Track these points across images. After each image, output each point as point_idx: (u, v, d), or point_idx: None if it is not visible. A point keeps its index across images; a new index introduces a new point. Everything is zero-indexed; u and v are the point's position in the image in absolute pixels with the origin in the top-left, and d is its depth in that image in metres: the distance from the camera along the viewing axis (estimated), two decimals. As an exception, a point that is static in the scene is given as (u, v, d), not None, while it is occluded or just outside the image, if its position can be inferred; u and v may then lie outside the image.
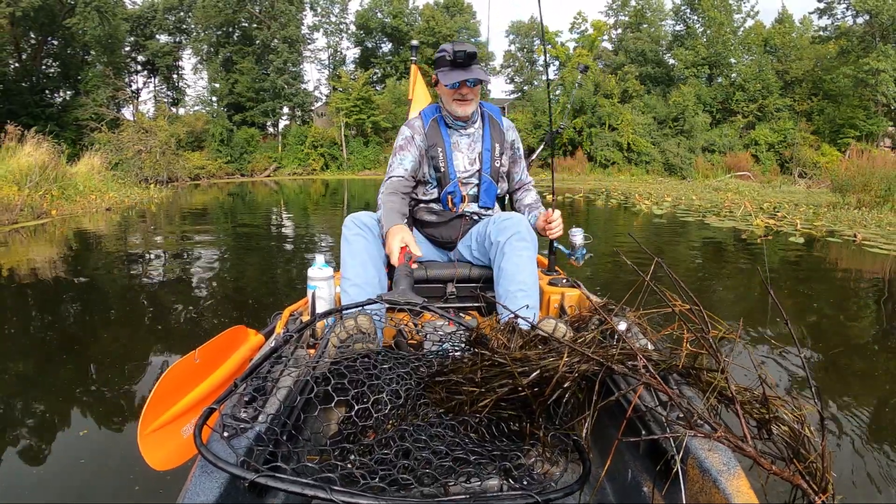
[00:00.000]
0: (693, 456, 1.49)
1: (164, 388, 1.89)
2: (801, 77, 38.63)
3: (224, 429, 1.51)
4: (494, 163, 2.92)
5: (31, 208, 11.75)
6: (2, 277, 6.89)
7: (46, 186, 13.00)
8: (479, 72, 2.75)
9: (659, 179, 32.02)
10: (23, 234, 10.26)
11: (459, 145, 2.92)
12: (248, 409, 1.63)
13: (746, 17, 41.69)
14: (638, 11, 43.55)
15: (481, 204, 2.97)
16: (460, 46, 2.69)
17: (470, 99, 2.80)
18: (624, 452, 1.89)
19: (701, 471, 1.44)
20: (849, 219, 12.93)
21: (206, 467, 1.37)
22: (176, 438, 1.94)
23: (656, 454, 1.65)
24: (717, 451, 1.46)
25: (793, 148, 35.16)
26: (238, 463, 1.39)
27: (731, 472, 1.39)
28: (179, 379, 2.00)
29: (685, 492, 1.46)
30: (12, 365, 4.14)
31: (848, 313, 5.95)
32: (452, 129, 2.93)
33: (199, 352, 2.08)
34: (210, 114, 39.72)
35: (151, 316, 5.47)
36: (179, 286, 6.58)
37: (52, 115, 33.00)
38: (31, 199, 12.04)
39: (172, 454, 1.91)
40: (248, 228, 12.37)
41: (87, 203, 14.01)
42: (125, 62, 41.95)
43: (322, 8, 44.60)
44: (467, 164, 2.92)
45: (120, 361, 4.21)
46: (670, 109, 37.70)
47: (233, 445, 1.46)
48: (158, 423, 1.89)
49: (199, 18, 41.23)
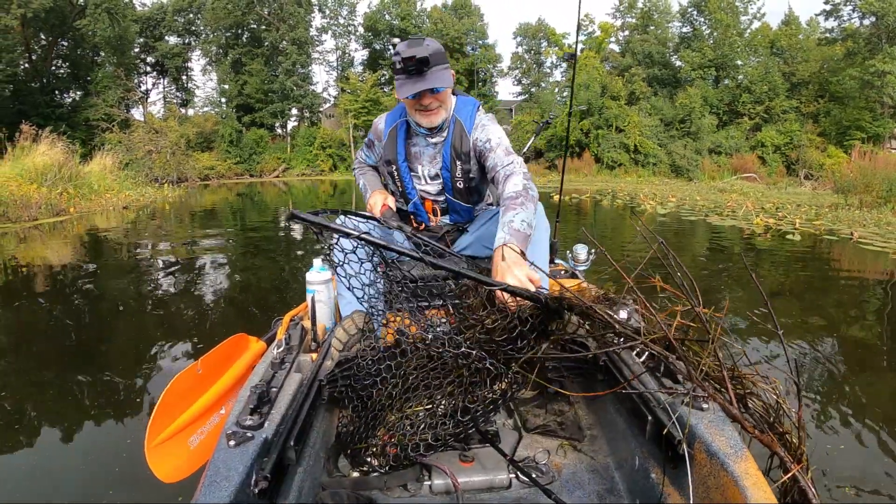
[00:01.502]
0: (700, 440, 1.50)
1: (168, 400, 1.92)
2: (808, 79, 38.49)
3: (231, 437, 1.52)
4: (456, 183, 2.53)
5: (51, 206, 11.99)
6: (22, 273, 7.09)
7: (62, 185, 13.23)
8: (438, 77, 2.30)
9: (665, 181, 31.97)
10: (42, 230, 10.49)
11: (422, 157, 2.59)
12: (255, 417, 1.63)
13: (753, 19, 41.60)
14: (645, 13, 43.47)
15: (452, 219, 2.71)
16: (410, 50, 2.23)
17: (434, 108, 2.40)
18: (630, 440, 1.89)
19: (708, 454, 1.46)
20: (849, 219, 13.05)
21: (214, 476, 1.38)
22: (183, 450, 1.96)
23: (663, 440, 1.64)
24: (724, 434, 1.47)
25: (799, 150, 35.07)
26: (247, 470, 1.42)
27: (739, 455, 1.41)
28: (183, 390, 2.02)
29: (692, 475, 1.48)
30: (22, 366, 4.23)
31: (829, 299, 6.34)
32: (418, 137, 2.58)
33: (201, 362, 2.10)
34: (219, 115, 39.97)
35: (163, 316, 5.55)
36: (194, 285, 6.73)
37: (62, 115, 33.33)
38: (50, 197, 12.28)
39: (181, 466, 1.93)
40: (258, 227, 12.58)
41: (103, 201, 14.27)
42: (134, 63, 42.16)
43: (330, 10, 44.73)
44: (430, 179, 2.62)
45: (130, 363, 4.29)
46: (677, 111, 37.58)
47: (241, 453, 1.47)
48: (165, 435, 1.90)
49: (209, 20, 41.48)
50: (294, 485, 1.70)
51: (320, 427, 2.00)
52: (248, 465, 1.42)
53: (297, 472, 1.73)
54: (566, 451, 2.06)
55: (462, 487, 1.83)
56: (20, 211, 11.15)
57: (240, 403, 1.71)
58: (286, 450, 1.60)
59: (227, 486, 1.34)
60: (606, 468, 1.95)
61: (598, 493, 1.85)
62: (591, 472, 1.95)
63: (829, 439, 3.15)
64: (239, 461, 1.42)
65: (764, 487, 1.30)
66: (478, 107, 2.55)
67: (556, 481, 1.90)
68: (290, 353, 2.11)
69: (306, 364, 2.11)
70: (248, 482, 1.39)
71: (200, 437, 2.03)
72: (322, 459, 1.97)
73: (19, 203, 11.26)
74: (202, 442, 2.03)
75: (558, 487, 1.87)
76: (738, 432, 1.47)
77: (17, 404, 3.62)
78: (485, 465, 1.92)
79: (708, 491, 1.44)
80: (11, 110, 30.33)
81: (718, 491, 1.39)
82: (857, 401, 3.65)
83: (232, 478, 1.36)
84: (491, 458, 1.95)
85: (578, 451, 2.05)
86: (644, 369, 1.85)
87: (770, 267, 7.91)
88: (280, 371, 1.96)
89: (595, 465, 1.98)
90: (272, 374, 1.93)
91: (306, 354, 2.18)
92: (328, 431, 2.10)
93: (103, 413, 3.49)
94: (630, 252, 8.32)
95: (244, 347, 2.45)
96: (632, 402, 1.85)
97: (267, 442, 1.54)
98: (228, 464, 1.41)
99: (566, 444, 2.08)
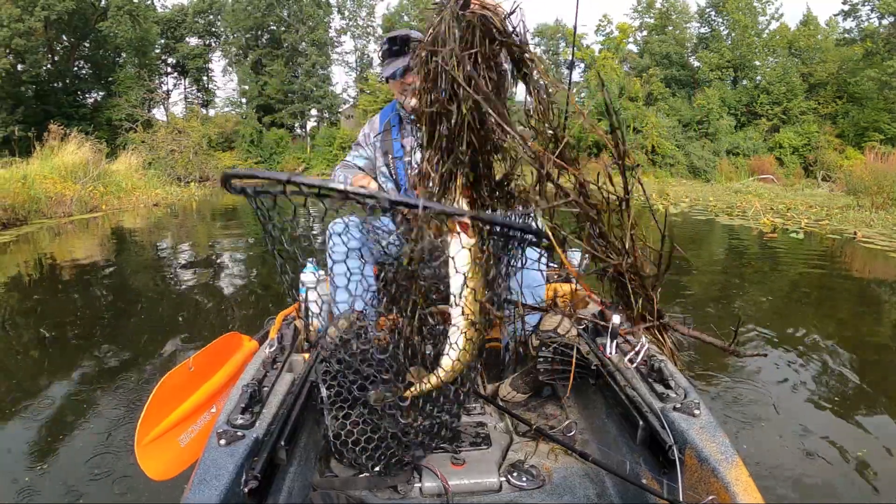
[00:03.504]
0: (691, 446, 1.51)
1: (159, 398, 1.91)
2: (826, 80, 37.98)
3: (222, 436, 1.52)
4: None
5: (84, 203, 12.34)
6: (50, 266, 7.38)
7: (92, 183, 13.57)
8: None
9: (682, 182, 31.90)
10: (76, 225, 10.85)
11: (414, 145, 2.66)
12: (246, 416, 1.63)
13: (771, 20, 41.09)
14: (663, 14, 43.24)
15: None
16: (393, 33, 2.50)
17: None
18: (622, 445, 1.92)
19: (699, 460, 1.47)
20: (857, 219, 13.20)
21: (205, 475, 1.38)
22: (173, 448, 1.95)
23: (654, 445, 1.66)
24: (714, 440, 1.49)
25: (817, 151, 34.72)
26: (237, 469, 1.42)
27: (730, 461, 1.42)
28: (174, 388, 2.01)
29: (682, 480, 1.49)
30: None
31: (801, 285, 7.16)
32: (409, 126, 2.69)
33: (193, 360, 2.10)
34: (240, 115, 40.34)
35: (173, 310, 5.66)
36: (209, 280, 6.94)
37: (84, 115, 33.86)
38: (83, 194, 12.67)
39: (170, 464, 1.93)
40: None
41: (133, 199, 14.63)
42: (155, 64, 42.63)
43: (349, 11, 45.08)
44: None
45: (129, 358, 4.32)
46: (695, 112, 37.25)
47: (232, 452, 1.47)
48: (155, 434, 1.89)
49: (229, 22, 41.97)
50: (284, 485, 1.72)
51: (311, 427, 2.03)
52: (239, 465, 1.43)
53: (287, 472, 1.76)
54: (557, 454, 2.06)
55: (453, 490, 1.85)
56: (55, 207, 11.51)
57: (231, 402, 1.71)
58: (277, 450, 1.61)
59: (217, 485, 1.35)
60: (597, 472, 1.95)
61: (589, 497, 1.87)
62: (581, 476, 1.96)
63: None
64: (229, 460, 1.43)
65: (754, 494, 1.33)
66: None
67: (546, 485, 1.91)
68: (283, 352, 2.12)
69: (298, 364, 2.12)
70: (238, 481, 1.41)
71: (191, 436, 2.04)
72: (313, 459, 1.99)
73: (54, 200, 11.62)
74: (193, 440, 2.03)
75: (549, 491, 1.89)
76: (729, 438, 1.51)
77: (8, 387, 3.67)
78: (476, 468, 1.94)
79: (698, 496, 1.45)
80: (36, 110, 31.02)
81: (709, 496, 1.41)
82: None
83: (222, 477, 1.38)
84: (482, 460, 1.98)
85: (569, 455, 2.03)
86: (636, 375, 1.89)
87: (756, 258, 8.72)
88: (272, 370, 1.97)
89: (586, 469, 1.98)
90: (264, 374, 1.94)
91: (298, 354, 2.18)
92: (319, 432, 2.09)
93: (94, 406, 3.49)
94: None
95: (236, 346, 2.44)
96: (623, 407, 1.87)
97: (258, 441, 1.55)
98: (219, 463, 1.42)
99: (557, 448, 2.07)
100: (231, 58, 44.02)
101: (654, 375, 1.84)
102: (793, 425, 3.29)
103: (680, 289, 6.39)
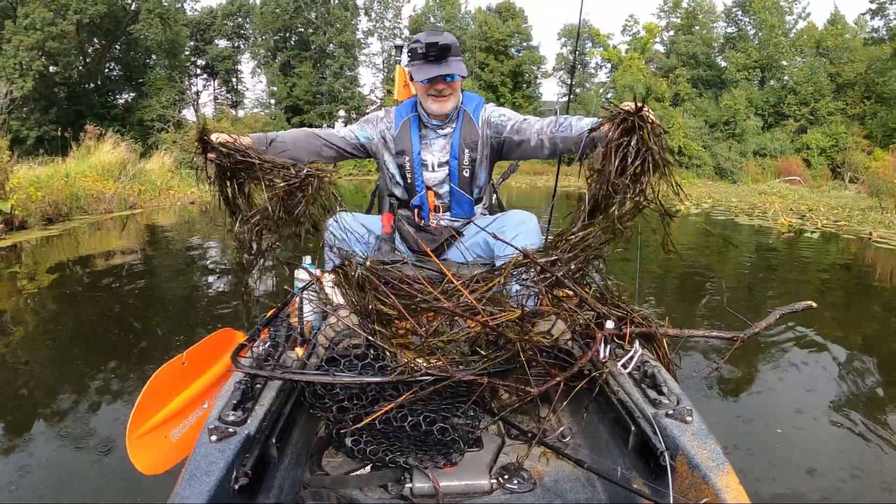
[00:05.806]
0: (682, 452, 1.50)
1: (151, 392, 1.91)
2: (854, 80, 37.28)
3: (213, 432, 1.50)
4: (462, 171, 2.63)
5: (123, 200, 12.79)
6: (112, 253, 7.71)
7: (128, 182, 13.99)
8: (455, 66, 2.45)
9: (708, 183, 31.66)
10: (115, 221, 11.33)
11: (432, 147, 2.67)
12: (238, 412, 1.60)
13: (798, 19, 40.57)
14: (690, 13, 42.95)
15: (454, 214, 2.74)
16: (433, 38, 2.39)
17: (447, 95, 2.52)
18: (613, 450, 1.91)
19: (690, 467, 1.46)
20: (876, 220, 13.19)
21: (195, 471, 1.37)
22: (165, 442, 1.95)
23: (646, 451, 1.66)
24: (706, 447, 1.49)
25: (844, 152, 34.18)
26: (228, 466, 1.41)
27: (721, 468, 1.41)
28: (167, 382, 2.01)
29: (673, 487, 1.49)
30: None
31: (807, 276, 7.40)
32: (428, 129, 2.67)
33: (186, 355, 2.09)
34: (269, 116, 40.80)
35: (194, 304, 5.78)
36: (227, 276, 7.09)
37: (116, 115, 34.56)
38: (122, 192, 13.15)
39: (162, 458, 1.92)
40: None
41: (170, 197, 15.08)
42: (185, 66, 43.28)
43: (376, 13, 45.44)
44: (437, 167, 2.67)
45: (128, 353, 4.27)
46: (721, 113, 36.95)
47: (223, 449, 1.46)
48: (147, 427, 1.90)
49: (257, 24, 42.64)
50: (275, 482, 1.72)
51: (303, 425, 2.03)
52: (230, 461, 1.42)
53: (278, 469, 1.76)
54: (548, 458, 2.06)
55: (443, 491, 1.85)
56: (95, 204, 11.95)
57: (223, 398, 1.69)
58: (268, 447, 1.62)
59: (208, 481, 1.34)
60: (588, 477, 1.96)
61: (579, 501, 1.87)
62: (572, 480, 1.97)
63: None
64: (220, 457, 1.43)
65: (744, 500, 1.34)
66: (483, 102, 2.69)
67: (537, 488, 1.92)
68: (276, 349, 2.09)
69: (291, 361, 2.09)
70: (228, 478, 1.41)
71: (182, 431, 2.04)
72: (304, 458, 1.99)
73: (94, 197, 12.06)
74: (184, 435, 2.03)
75: (539, 494, 1.90)
76: (721, 445, 1.51)
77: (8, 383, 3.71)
78: (467, 470, 1.94)
79: (689, 502, 1.46)
80: (68, 111, 31.79)
81: (700, 502, 1.41)
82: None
83: (212, 473, 1.37)
84: (473, 463, 1.98)
85: (561, 458, 2.03)
86: (629, 380, 1.87)
87: (766, 254, 8.97)
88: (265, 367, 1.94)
89: (577, 473, 1.99)
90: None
91: (292, 351, 2.15)
92: (311, 430, 2.12)
93: (87, 398, 3.46)
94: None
95: (230, 342, 2.42)
96: (615, 413, 1.87)
97: (249, 438, 1.54)
98: (209, 459, 1.42)
99: (549, 451, 2.07)
100: (260, 59, 44.66)
101: (647, 381, 1.83)
102: (792, 425, 3.30)
103: (680, 288, 6.64)
